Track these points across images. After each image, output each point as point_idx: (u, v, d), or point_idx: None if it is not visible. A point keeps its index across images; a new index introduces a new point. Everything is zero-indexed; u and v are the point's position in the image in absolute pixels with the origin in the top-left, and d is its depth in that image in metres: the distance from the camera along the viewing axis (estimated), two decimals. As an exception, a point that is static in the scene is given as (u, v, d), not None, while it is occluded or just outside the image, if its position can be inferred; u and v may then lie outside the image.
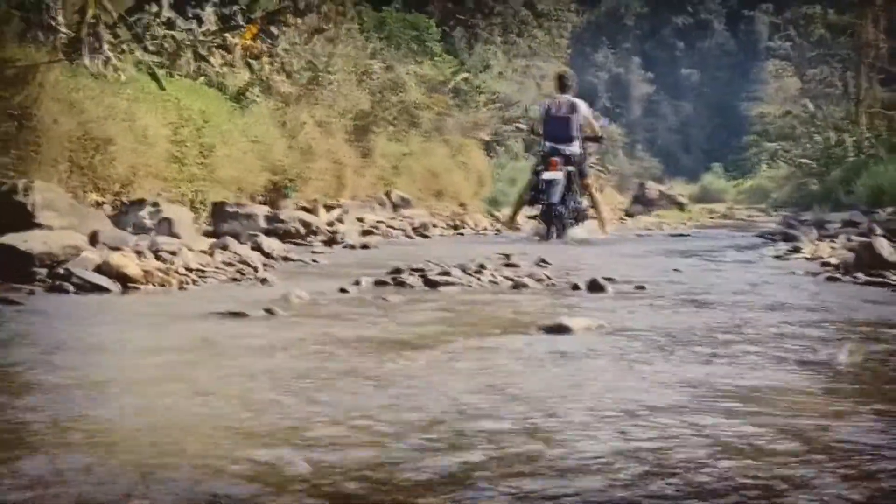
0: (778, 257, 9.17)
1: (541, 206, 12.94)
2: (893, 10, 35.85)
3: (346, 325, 4.45)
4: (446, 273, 6.74)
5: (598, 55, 64.85)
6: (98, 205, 10.90)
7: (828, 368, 3.39)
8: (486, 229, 14.98)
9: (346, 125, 17.54)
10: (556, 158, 12.79)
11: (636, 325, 4.49)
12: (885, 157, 25.07)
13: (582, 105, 13.43)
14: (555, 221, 12.66)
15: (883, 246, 7.35)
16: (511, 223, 14.35)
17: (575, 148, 13.09)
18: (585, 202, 13.47)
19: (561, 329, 4.21)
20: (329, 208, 14.53)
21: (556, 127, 13.13)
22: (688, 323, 4.55)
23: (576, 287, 6.15)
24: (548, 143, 13.10)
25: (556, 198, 12.61)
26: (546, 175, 12.74)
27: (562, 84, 13.77)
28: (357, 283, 6.34)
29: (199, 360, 3.53)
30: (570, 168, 12.90)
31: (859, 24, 36.35)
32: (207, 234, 10.19)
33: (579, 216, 13.19)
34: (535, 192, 13.06)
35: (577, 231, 12.94)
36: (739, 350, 3.75)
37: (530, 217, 13.91)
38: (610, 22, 65.33)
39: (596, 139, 13.99)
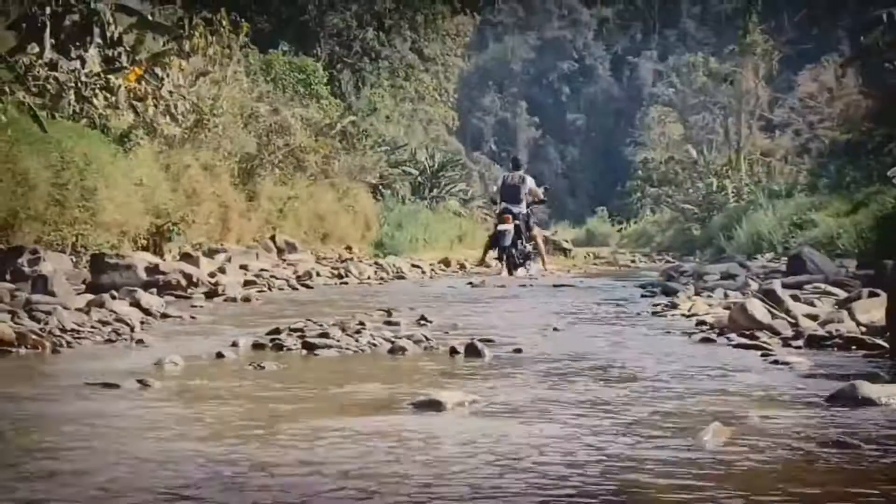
0: (655, 313, 9.34)
1: (497, 249, 17.51)
2: (772, 60, 36.85)
3: (213, 404, 4.42)
4: (325, 335, 6.72)
5: (485, 99, 65.29)
6: (-25, 249, 10.70)
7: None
8: (370, 278, 15.13)
9: (231, 168, 17.45)
10: (508, 215, 17.24)
11: (507, 398, 4.56)
12: (765, 203, 25.70)
13: (528, 179, 17.99)
14: (508, 260, 17.19)
15: (756, 308, 7.54)
16: (482, 263, 18.67)
17: (522, 208, 17.57)
18: (529, 247, 17.87)
19: (432, 405, 4.26)
20: (213, 253, 14.41)
21: (509, 192, 17.67)
22: (554, 399, 4.62)
23: (454, 351, 6.19)
24: (503, 204, 17.63)
25: (507, 242, 17.15)
26: (501, 227, 17.30)
27: (515, 164, 18.77)
28: (234, 344, 6.30)
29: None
30: (518, 222, 17.27)
31: (739, 72, 37.28)
32: (86, 284, 10.04)
33: (526, 257, 17.63)
34: (494, 239, 17.62)
35: (523, 270, 17.34)
36: (605, 433, 3.84)
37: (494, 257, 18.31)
38: (496, 67, 65.86)
39: (542, 202, 19.10)
